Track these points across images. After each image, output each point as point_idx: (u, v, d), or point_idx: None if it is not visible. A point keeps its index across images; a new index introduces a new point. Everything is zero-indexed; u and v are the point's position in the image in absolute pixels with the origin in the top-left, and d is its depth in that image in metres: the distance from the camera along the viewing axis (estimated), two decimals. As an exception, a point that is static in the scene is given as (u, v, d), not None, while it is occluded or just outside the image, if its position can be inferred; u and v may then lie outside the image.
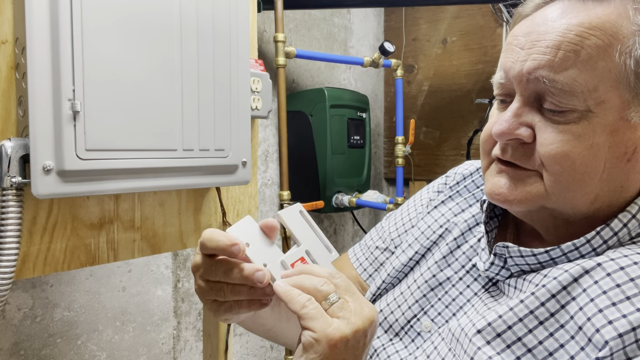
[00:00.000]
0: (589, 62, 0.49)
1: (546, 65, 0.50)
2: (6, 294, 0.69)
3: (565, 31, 0.50)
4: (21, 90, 0.70)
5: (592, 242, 0.52)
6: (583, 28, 0.49)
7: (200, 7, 0.82)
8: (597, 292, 0.48)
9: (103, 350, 1.40)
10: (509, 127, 0.52)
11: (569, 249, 0.53)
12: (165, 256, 1.55)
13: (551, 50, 0.50)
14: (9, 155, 0.68)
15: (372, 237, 0.82)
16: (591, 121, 0.50)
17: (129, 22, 0.73)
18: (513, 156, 0.54)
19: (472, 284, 0.62)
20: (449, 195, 0.75)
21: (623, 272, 0.48)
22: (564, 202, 0.53)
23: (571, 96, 0.49)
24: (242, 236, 0.52)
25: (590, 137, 0.50)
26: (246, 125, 0.91)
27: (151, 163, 0.78)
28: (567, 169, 0.51)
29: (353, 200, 1.90)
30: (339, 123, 1.89)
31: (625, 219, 0.52)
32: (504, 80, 0.55)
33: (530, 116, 0.53)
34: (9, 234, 0.68)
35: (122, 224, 0.87)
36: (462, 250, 0.66)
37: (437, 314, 0.62)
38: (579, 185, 0.52)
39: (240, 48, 0.88)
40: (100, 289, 1.39)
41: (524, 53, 0.52)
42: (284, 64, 1.64)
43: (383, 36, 2.42)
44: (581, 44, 0.49)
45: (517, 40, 0.53)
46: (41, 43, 0.66)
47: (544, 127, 0.52)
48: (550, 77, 0.50)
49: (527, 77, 0.51)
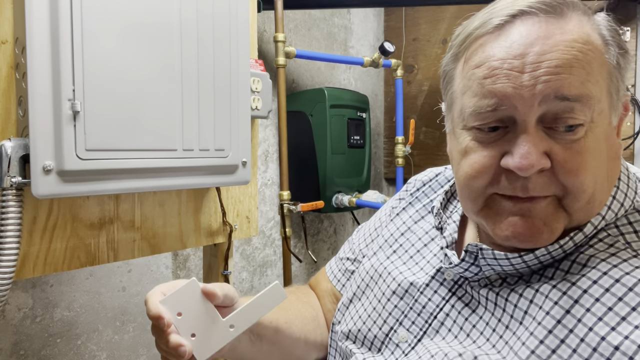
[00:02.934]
0: (594, 76, 0.50)
1: (565, 83, 0.48)
2: (6, 294, 0.69)
3: (567, 48, 0.49)
4: (21, 90, 0.70)
5: (564, 246, 0.53)
6: (580, 44, 0.49)
7: (200, 8, 0.82)
8: (603, 310, 0.48)
9: (103, 350, 1.40)
10: (536, 158, 0.49)
11: (541, 253, 0.53)
12: (165, 256, 1.55)
13: (564, 69, 0.48)
14: (9, 155, 0.68)
15: (344, 249, 0.84)
16: (594, 132, 0.51)
17: (129, 22, 0.73)
18: (534, 189, 0.51)
19: (439, 289, 0.62)
20: (409, 202, 0.76)
21: (619, 284, 0.49)
22: (584, 216, 0.53)
23: (588, 109, 0.49)
24: (177, 304, 0.52)
25: (598, 147, 0.51)
26: (246, 125, 0.91)
27: (151, 163, 0.78)
28: (590, 184, 0.51)
29: (353, 200, 1.90)
30: (339, 123, 1.89)
31: (596, 222, 0.53)
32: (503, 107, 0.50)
33: (544, 142, 0.50)
34: (9, 234, 0.68)
35: (122, 224, 0.87)
36: (426, 259, 0.67)
37: (411, 322, 0.62)
38: (597, 195, 0.52)
39: (240, 48, 0.88)
40: (100, 289, 1.39)
41: (528, 77, 0.49)
42: (284, 64, 1.64)
43: (383, 36, 2.42)
44: (585, 59, 0.49)
45: (508, 64, 0.50)
46: (41, 43, 0.66)
47: (559, 149, 0.50)
48: (572, 92, 0.48)
49: (540, 100, 0.49)
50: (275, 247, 1.93)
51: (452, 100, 0.58)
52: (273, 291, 0.55)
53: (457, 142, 0.57)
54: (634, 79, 1.94)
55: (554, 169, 0.50)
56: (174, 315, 0.52)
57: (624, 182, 0.56)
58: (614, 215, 0.54)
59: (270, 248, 1.91)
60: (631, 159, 1.95)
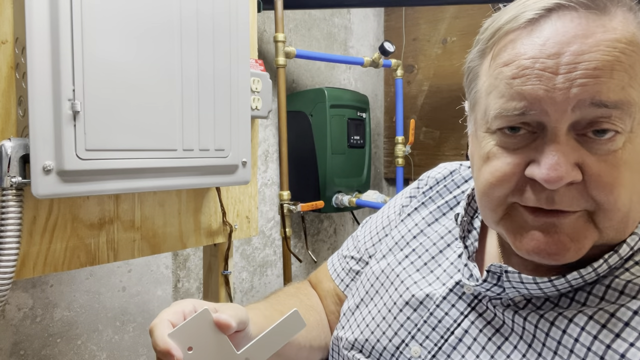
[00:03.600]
0: (637, 80, 0.45)
1: (603, 88, 0.44)
2: (6, 294, 0.69)
3: (609, 49, 0.44)
4: (21, 90, 0.70)
5: (597, 270, 0.49)
6: (623, 44, 0.44)
7: (200, 7, 0.82)
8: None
9: (103, 350, 1.40)
10: (566, 170, 0.45)
11: (573, 277, 0.49)
12: (165, 256, 1.55)
13: (603, 72, 0.44)
14: (9, 155, 0.68)
15: (348, 246, 0.80)
16: (634, 143, 0.46)
17: (129, 22, 0.73)
18: (562, 203, 0.46)
19: (457, 303, 0.58)
20: (422, 201, 0.72)
21: None
22: (616, 234, 0.49)
23: (626, 115, 0.45)
24: (187, 338, 0.49)
25: (637, 161, 0.46)
26: (246, 125, 0.91)
27: (151, 163, 0.78)
28: (625, 202, 0.46)
29: (353, 200, 1.90)
30: (339, 123, 1.89)
31: (632, 242, 0.49)
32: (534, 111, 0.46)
33: (575, 153, 0.46)
34: (9, 234, 0.68)
35: (122, 224, 0.87)
36: (442, 268, 0.62)
37: (425, 337, 0.58)
38: (633, 213, 0.48)
39: (240, 48, 0.88)
40: (100, 289, 1.39)
41: (562, 78, 0.44)
42: (284, 64, 1.64)
43: (383, 36, 2.42)
44: (629, 61, 0.44)
45: (540, 64, 0.45)
46: (41, 43, 0.66)
47: (592, 161, 0.46)
48: (611, 99, 0.44)
49: (574, 105, 0.44)
50: (275, 247, 1.93)
51: (476, 100, 0.53)
52: (292, 319, 0.51)
53: (479, 146, 0.53)
54: (634, 79, 1.94)
55: (585, 182, 0.46)
56: (184, 350, 0.48)
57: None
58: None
59: (270, 248, 1.91)
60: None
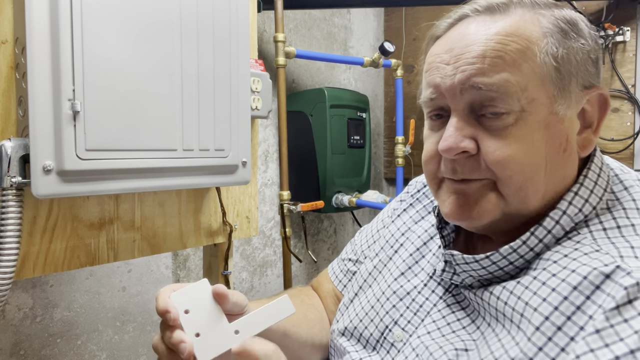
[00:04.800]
0: (515, 65, 0.52)
1: (478, 72, 0.53)
2: (6, 294, 0.69)
3: (486, 41, 0.53)
4: (21, 90, 0.70)
5: (527, 242, 0.54)
6: (501, 36, 0.53)
7: (200, 7, 0.82)
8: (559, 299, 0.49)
9: (103, 350, 1.40)
10: (455, 141, 0.54)
11: (507, 252, 0.55)
12: (165, 256, 1.55)
13: (478, 59, 0.53)
14: (9, 155, 0.68)
15: (347, 250, 0.85)
16: (526, 120, 0.53)
17: (129, 22, 0.73)
18: (463, 172, 0.55)
19: (436, 289, 0.63)
20: (410, 203, 0.78)
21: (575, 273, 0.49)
22: (519, 203, 0.55)
23: (507, 96, 0.52)
24: (186, 301, 0.53)
25: (529, 136, 0.53)
26: (246, 125, 0.91)
27: (151, 163, 0.78)
28: (516, 171, 0.53)
29: (353, 200, 1.90)
30: (339, 123, 1.89)
31: (556, 217, 0.54)
32: (435, 95, 0.57)
33: (471, 128, 0.54)
34: (9, 234, 0.68)
35: (122, 224, 0.87)
36: (426, 259, 0.68)
37: (407, 322, 0.63)
38: (530, 183, 0.54)
39: (240, 48, 0.88)
40: (100, 289, 1.39)
41: (451, 68, 0.54)
42: (284, 64, 1.64)
43: (383, 36, 2.42)
44: (504, 49, 0.52)
45: (439, 58, 0.56)
46: (41, 43, 0.66)
47: (485, 136, 0.54)
48: (485, 81, 0.52)
49: (460, 88, 0.54)
50: (275, 247, 1.93)
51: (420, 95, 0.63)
52: (282, 303, 0.55)
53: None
54: (633, 79, 1.94)
55: (481, 154, 0.54)
56: (181, 312, 0.53)
57: (590, 178, 0.56)
58: (577, 211, 0.55)
59: (270, 248, 1.91)
60: (631, 159, 1.95)
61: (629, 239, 0.51)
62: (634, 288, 0.45)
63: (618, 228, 0.53)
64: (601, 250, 0.50)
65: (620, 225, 0.53)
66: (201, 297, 0.54)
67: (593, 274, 0.48)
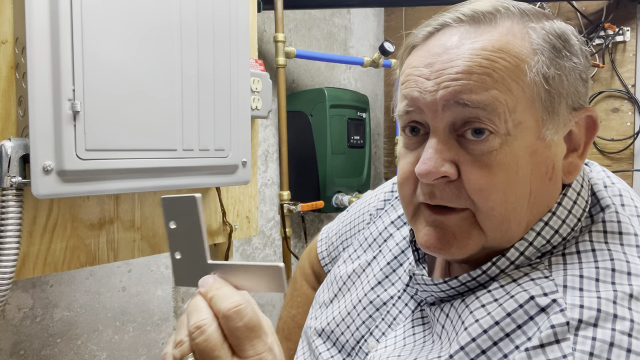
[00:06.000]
0: (504, 84, 0.48)
1: (463, 89, 0.48)
2: (6, 294, 0.69)
3: (472, 56, 0.48)
4: (21, 90, 0.70)
5: (488, 272, 0.52)
6: (488, 52, 0.48)
7: (200, 7, 0.82)
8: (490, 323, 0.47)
9: (103, 350, 1.40)
10: (435, 165, 0.49)
11: (465, 279, 0.52)
12: (165, 256, 1.55)
13: (463, 75, 0.48)
14: (9, 155, 0.68)
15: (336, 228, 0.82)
16: (512, 145, 0.48)
17: (129, 22, 0.73)
18: (442, 198, 0.50)
19: (409, 302, 0.61)
20: (392, 204, 0.74)
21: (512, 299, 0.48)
22: (500, 236, 0.51)
23: (494, 115, 0.47)
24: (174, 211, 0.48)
25: (514, 163, 0.49)
26: (246, 125, 0.91)
27: (151, 163, 0.78)
28: (498, 203, 0.49)
29: (353, 200, 1.90)
30: (339, 123, 1.89)
31: (521, 248, 0.51)
32: (412, 108, 0.51)
33: (451, 151, 0.50)
34: (9, 234, 0.68)
35: (122, 224, 0.87)
36: (404, 267, 0.65)
37: (381, 333, 0.62)
38: (512, 215, 0.50)
39: (240, 48, 0.88)
40: (100, 289, 1.39)
41: (431, 83, 0.49)
42: (284, 64, 1.64)
43: (383, 36, 2.42)
44: (492, 66, 0.48)
45: (418, 71, 0.51)
46: (41, 43, 0.66)
47: (466, 161, 0.49)
48: (472, 98, 0.47)
49: (443, 104, 0.49)
50: (275, 247, 1.93)
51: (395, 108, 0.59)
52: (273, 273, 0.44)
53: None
54: (634, 79, 1.94)
55: (462, 181, 0.49)
56: (167, 222, 0.48)
57: (564, 206, 0.52)
58: (545, 242, 0.51)
59: (270, 248, 1.91)
60: (631, 159, 1.95)
61: (583, 266, 0.48)
62: (563, 328, 0.43)
63: (577, 254, 0.50)
64: (549, 277, 0.48)
65: (580, 251, 0.50)
66: (190, 211, 0.47)
67: (529, 304, 0.46)
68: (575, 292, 0.46)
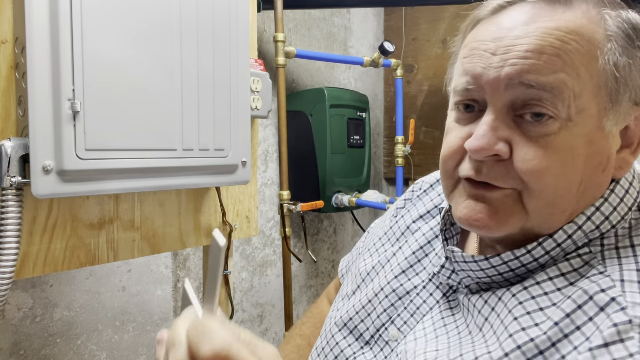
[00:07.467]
0: (574, 68, 0.47)
1: (532, 69, 0.46)
2: (6, 294, 0.69)
3: (544, 35, 0.47)
4: (21, 90, 0.70)
5: (533, 252, 0.50)
6: (562, 32, 0.47)
7: (200, 7, 0.82)
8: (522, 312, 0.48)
9: (103, 350, 1.40)
10: (488, 142, 0.48)
11: (508, 257, 0.51)
12: (165, 256, 1.55)
13: (533, 54, 0.47)
14: (9, 155, 0.68)
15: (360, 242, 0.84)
16: (572, 132, 0.47)
17: (129, 22, 0.73)
18: (489, 176, 0.49)
19: (434, 292, 0.60)
20: (414, 203, 0.75)
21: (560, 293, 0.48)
22: (543, 220, 0.50)
23: (558, 100, 0.46)
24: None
25: (571, 150, 0.47)
26: (246, 125, 0.91)
27: (151, 163, 0.78)
28: (550, 185, 0.48)
29: (353, 200, 1.90)
30: (339, 123, 1.89)
31: (570, 231, 0.50)
32: (473, 87, 0.50)
33: (507, 130, 0.49)
34: (9, 234, 0.68)
35: (122, 224, 0.87)
36: (429, 259, 0.65)
37: (404, 323, 0.61)
38: (560, 202, 0.49)
39: (240, 48, 0.88)
40: (100, 289, 1.39)
41: (498, 59, 0.48)
42: (284, 64, 1.64)
43: (383, 36, 2.42)
44: (563, 48, 0.46)
45: (485, 46, 0.49)
46: (41, 43, 0.66)
47: (522, 141, 0.48)
48: (539, 80, 0.46)
49: (506, 83, 0.47)
50: (275, 247, 1.93)
51: (451, 82, 0.57)
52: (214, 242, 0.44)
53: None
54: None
55: (513, 161, 0.48)
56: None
57: (617, 194, 0.51)
58: (594, 228, 0.50)
59: (270, 248, 1.91)
60: (631, 159, 1.94)
61: (639, 260, 0.47)
62: (626, 326, 0.42)
63: (632, 247, 0.48)
64: (604, 272, 0.47)
65: (635, 245, 0.48)
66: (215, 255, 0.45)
67: (589, 305, 0.45)
68: (634, 286, 0.45)
